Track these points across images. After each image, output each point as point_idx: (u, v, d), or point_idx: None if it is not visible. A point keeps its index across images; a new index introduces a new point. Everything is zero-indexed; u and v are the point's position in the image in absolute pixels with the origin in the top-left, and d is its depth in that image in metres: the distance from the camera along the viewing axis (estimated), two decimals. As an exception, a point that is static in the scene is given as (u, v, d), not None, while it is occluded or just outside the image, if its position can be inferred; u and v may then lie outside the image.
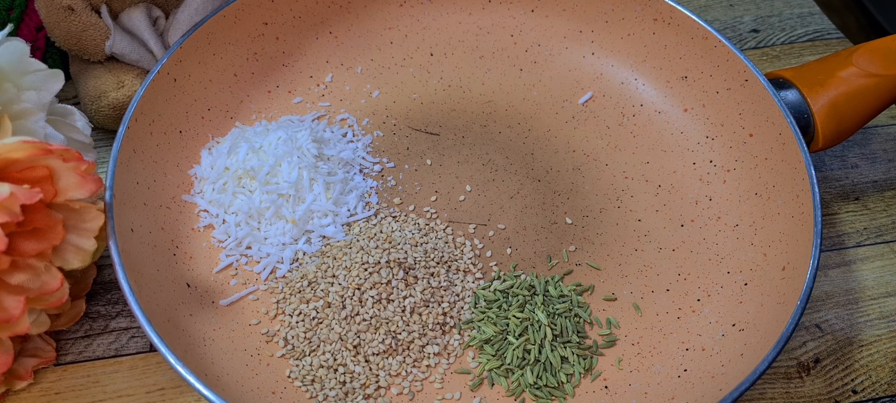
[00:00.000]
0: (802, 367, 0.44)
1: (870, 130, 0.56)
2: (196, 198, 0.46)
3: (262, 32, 0.51)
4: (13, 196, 0.33)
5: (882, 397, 0.43)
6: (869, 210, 0.52)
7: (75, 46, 0.48)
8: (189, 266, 0.44)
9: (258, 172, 0.44)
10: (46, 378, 0.41)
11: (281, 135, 0.46)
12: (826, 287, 0.47)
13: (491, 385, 0.41)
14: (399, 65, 0.54)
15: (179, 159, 0.47)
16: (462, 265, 0.45)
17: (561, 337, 0.42)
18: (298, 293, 0.43)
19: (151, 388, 0.41)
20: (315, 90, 0.52)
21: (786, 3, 0.64)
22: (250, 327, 0.42)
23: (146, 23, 0.49)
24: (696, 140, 0.51)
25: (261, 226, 0.44)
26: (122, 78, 0.48)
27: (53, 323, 0.40)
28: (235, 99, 0.50)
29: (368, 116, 0.52)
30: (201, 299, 0.42)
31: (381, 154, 0.50)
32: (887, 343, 0.45)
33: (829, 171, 0.54)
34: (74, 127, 0.43)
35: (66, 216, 0.37)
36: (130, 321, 0.44)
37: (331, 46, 0.54)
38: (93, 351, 0.42)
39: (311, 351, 0.41)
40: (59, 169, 0.36)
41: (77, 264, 0.37)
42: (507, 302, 0.43)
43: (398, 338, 0.41)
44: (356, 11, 0.54)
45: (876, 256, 0.49)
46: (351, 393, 0.40)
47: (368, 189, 0.48)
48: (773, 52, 0.61)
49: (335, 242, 0.45)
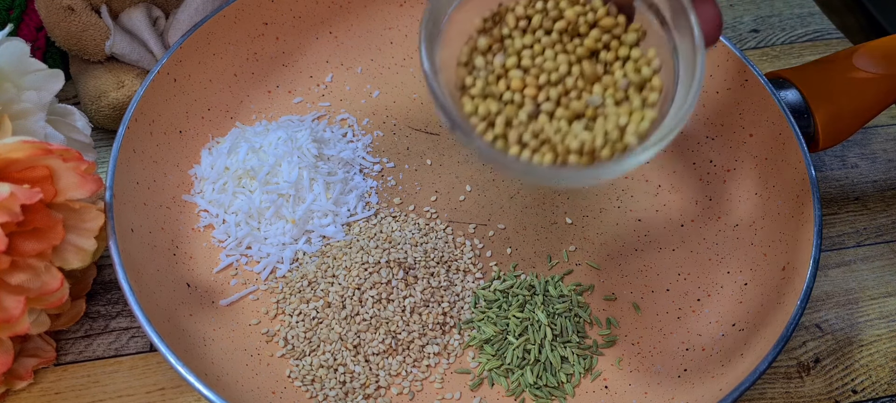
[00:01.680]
0: (802, 367, 0.44)
1: (870, 130, 0.56)
2: (196, 198, 0.46)
3: (262, 32, 0.51)
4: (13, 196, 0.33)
5: (882, 397, 0.43)
6: (869, 210, 0.52)
7: (75, 46, 0.48)
8: (189, 266, 0.44)
9: (258, 172, 0.44)
10: (46, 378, 0.41)
11: (281, 134, 0.46)
12: (826, 287, 0.47)
13: (491, 385, 0.41)
14: (399, 65, 0.54)
15: (179, 159, 0.47)
16: (462, 265, 0.45)
17: (561, 337, 0.42)
18: (298, 293, 0.43)
19: (151, 388, 0.41)
20: (315, 90, 0.52)
21: (786, 4, 0.64)
22: (250, 327, 0.42)
23: (146, 23, 0.49)
24: (695, 140, 0.50)
25: (261, 226, 0.44)
26: (122, 78, 0.48)
27: (53, 323, 0.40)
28: (235, 99, 0.50)
29: (368, 116, 0.51)
30: (201, 299, 0.42)
31: (381, 154, 0.50)
32: (887, 342, 0.45)
33: (829, 171, 0.54)
34: (74, 127, 0.43)
35: (66, 216, 0.37)
36: (130, 321, 0.44)
37: (331, 46, 0.54)
38: (93, 351, 0.42)
39: (311, 351, 0.41)
40: (59, 169, 0.36)
41: (77, 264, 0.37)
42: (507, 302, 0.43)
43: (398, 338, 0.41)
44: (356, 11, 0.54)
45: (876, 256, 0.49)
46: (351, 393, 0.40)
47: (368, 189, 0.48)
48: (773, 51, 0.61)
49: (335, 242, 0.45)
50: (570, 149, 0.33)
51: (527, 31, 0.35)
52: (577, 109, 0.34)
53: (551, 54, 0.35)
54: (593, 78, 0.35)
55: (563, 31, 0.35)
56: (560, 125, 0.34)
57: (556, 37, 0.35)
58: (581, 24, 0.35)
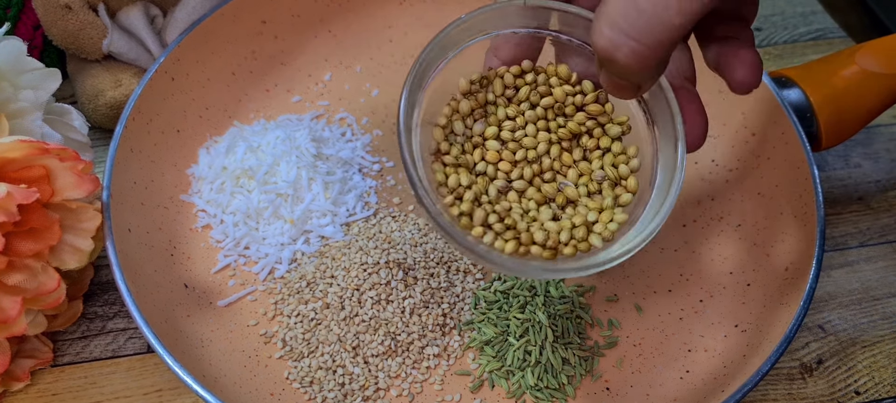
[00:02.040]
0: (805, 368, 0.44)
1: (873, 130, 0.56)
2: (194, 198, 0.46)
3: (261, 31, 0.51)
4: (10, 195, 0.33)
5: (885, 398, 0.43)
6: (872, 210, 0.51)
7: (73, 45, 0.48)
8: (187, 266, 0.43)
9: (256, 172, 0.44)
10: (43, 379, 0.41)
11: (279, 134, 0.46)
12: (829, 287, 0.47)
13: (491, 386, 0.41)
14: (398, 63, 0.54)
15: (177, 158, 0.47)
16: (462, 265, 0.44)
17: (562, 339, 0.41)
18: (297, 294, 0.42)
19: (149, 389, 0.41)
20: (314, 89, 0.52)
21: (788, 2, 0.64)
22: (248, 328, 0.42)
23: (144, 21, 0.49)
24: (697, 139, 0.50)
25: (259, 226, 0.44)
26: (120, 77, 0.48)
27: (50, 324, 0.40)
28: (234, 98, 0.50)
29: (368, 115, 0.51)
30: (199, 300, 0.42)
31: (380, 153, 0.50)
32: (891, 343, 0.45)
33: (831, 171, 0.53)
34: (71, 126, 0.43)
35: (63, 216, 0.37)
36: (128, 322, 0.43)
37: (330, 45, 0.53)
38: (90, 352, 0.42)
39: (309, 353, 0.41)
40: (55, 168, 0.36)
41: (74, 264, 0.37)
42: (508, 303, 0.43)
43: (397, 339, 0.41)
44: (355, 10, 0.54)
45: (879, 256, 0.49)
46: (350, 395, 0.39)
47: (367, 188, 0.47)
48: (776, 50, 0.61)
49: (334, 242, 0.44)
50: (534, 240, 0.32)
51: (512, 102, 0.35)
52: (549, 192, 0.34)
53: (533, 130, 0.34)
54: (570, 162, 0.35)
55: (549, 108, 0.35)
56: (529, 205, 0.34)
57: (540, 112, 0.35)
58: (568, 105, 0.35)
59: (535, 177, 0.34)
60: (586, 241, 0.33)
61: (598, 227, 0.33)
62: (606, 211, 0.34)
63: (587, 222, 0.33)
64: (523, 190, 0.34)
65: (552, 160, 0.34)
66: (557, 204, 0.34)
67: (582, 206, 0.34)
